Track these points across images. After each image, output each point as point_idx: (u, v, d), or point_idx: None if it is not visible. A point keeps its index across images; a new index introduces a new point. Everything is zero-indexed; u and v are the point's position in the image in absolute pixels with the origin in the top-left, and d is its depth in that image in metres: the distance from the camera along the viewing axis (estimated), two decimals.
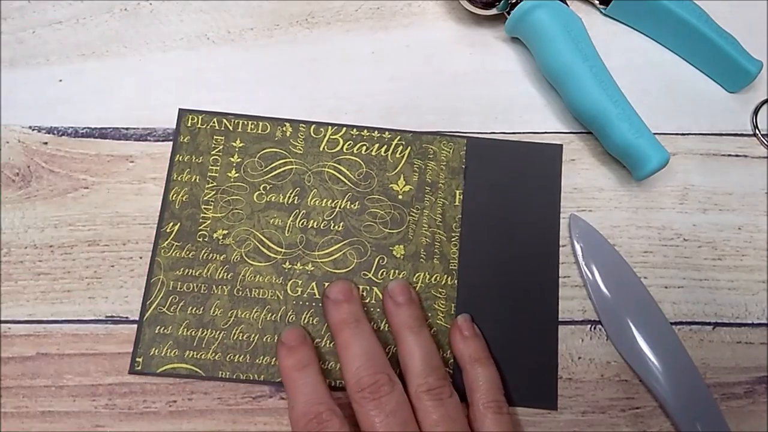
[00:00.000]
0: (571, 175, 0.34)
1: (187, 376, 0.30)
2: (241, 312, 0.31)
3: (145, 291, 0.31)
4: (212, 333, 0.30)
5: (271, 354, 0.30)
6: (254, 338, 0.30)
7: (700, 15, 0.34)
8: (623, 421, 0.30)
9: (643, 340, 0.31)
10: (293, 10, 0.37)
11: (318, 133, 0.34)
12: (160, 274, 0.31)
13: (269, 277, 0.31)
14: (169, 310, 0.30)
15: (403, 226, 0.32)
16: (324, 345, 0.30)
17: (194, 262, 0.31)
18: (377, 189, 0.33)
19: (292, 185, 0.33)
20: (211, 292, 0.31)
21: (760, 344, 0.32)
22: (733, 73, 0.35)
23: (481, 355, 0.29)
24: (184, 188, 0.32)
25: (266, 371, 0.30)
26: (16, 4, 0.36)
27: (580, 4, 0.37)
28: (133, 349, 0.30)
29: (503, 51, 0.37)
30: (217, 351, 0.30)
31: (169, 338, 0.30)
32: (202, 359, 0.30)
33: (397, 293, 0.30)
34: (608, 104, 0.32)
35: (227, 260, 0.31)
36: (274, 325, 0.31)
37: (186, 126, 0.33)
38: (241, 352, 0.30)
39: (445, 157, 0.33)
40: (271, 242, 0.32)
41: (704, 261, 0.33)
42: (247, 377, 0.30)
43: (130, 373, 0.30)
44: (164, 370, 0.30)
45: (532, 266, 0.32)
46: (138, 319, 0.31)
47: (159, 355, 0.30)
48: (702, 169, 0.34)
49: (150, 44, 0.36)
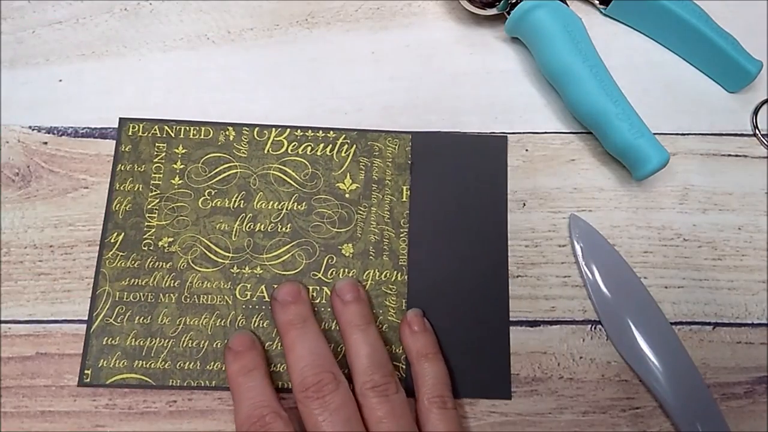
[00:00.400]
0: (571, 175, 0.34)
1: (136, 386, 0.30)
2: (190, 319, 0.31)
3: (90, 303, 0.31)
4: (161, 342, 0.30)
5: (221, 360, 0.30)
6: (204, 345, 0.30)
7: (700, 15, 0.34)
8: (623, 421, 0.30)
9: (643, 340, 0.31)
10: (293, 10, 0.37)
11: (262, 135, 0.33)
12: (105, 285, 0.31)
13: (217, 282, 0.31)
14: (116, 320, 0.30)
15: (351, 224, 0.32)
16: (275, 348, 0.30)
17: (140, 271, 0.31)
18: (324, 189, 0.33)
19: (237, 189, 0.32)
20: (159, 301, 0.31)
21: (760, 344, 0.32)
22: (733, 73, 0.35)
23: (429, 350, 0.30)
24: (127, 197, 0.32)
25: (217, 377, 0.30)
26: (16, 4, 0.36)
27: (580, 4, 0.37)
28: (81, 362, 0.30)
29: (503, 51, 0.37)
30: (167, 359, 0.30)
31: (117, 349, 0.30)
32: (151, 368, 0.30)
33: (345, 292, 0.30)
34: (608, 104, 0.32)
35: (174, 268, 0.31)
36: (223, 330, 0.30)
37: (127, 135, 0.33)
38: (191, 359, 0.30)
39: (391, 154, 0.33)
40: (218, 247, 0.32)
41: (704, 261, 0.33)
42: (198, 384, 0.30)
43: (78, 386, 0.30)
44: (114, 381, 0.29)
45: (482, 258, 0.32)
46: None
47: (108, 366, 0.30)
48: (702, 169, 0.34)
49: (150, 44, 0.36)
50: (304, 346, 0.28)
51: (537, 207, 0.33)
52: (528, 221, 0.33)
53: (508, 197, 0.33)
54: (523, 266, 0.32)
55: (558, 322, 0.32)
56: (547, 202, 0.34)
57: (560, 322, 0.32)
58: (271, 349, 0.30)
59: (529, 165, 0.34)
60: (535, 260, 0.33)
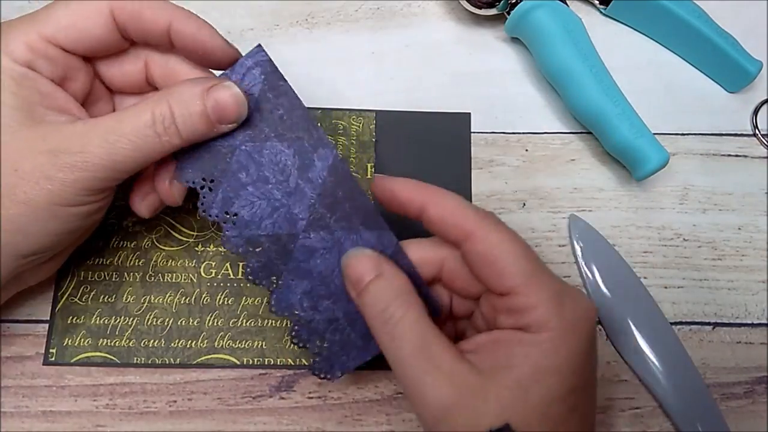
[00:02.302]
0: (571, 175, 0.34)
1: (101, 364, 0.30)
2: (155, 297, 0.31)
3: (55, 282, 0.31)
4: (125, 320, 0.30)
5: (186, 337, 0.30)
6: (168, 322, 0.30)
7: (700, 15, 0.34)
8: (623, 421, 0.30)
9: (643, 340, 0.31)
10: (293, 10, 0.37)
11: None
12: (69, 265, 0.31)
13: (182, 260, 0.31)
14: (81, 300, 0.30)
15: None
16: (240, 325, 0.31)
17: (104, 250, 0.31)
18: None
19: None
20: (123, 280, 0.31)
21: (760, 344, 0.32)
22: (733, 73, 0.35)
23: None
24: None
25: (182, 354, 0.30)
26: (16, 4, 0.36)
27: (580, 4, 0.37)
28: (46, 341, 0.30)
29: (503, 51, 0.37)
30: (131, 338, 0.30)
31: (81, 328, 0.30)
32: (116, 347, 0.30)
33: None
34: (608, 104, 0.32)
35: (138, 247, 0.31)
36: (188, 308, 0.31)
37: None
38: (155, 337, 0.30)
39: (355, 132, 0.34)
40: (182, 226, 0.32)
41: (704, 261, 0.33)
42: (163, 362, 0.30)
43: (44, 365, 0.30)
44: (78, 359, 0.30)
45: None
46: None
47: (72, 345, 0.30)
48: (702, 169, 0.34)
49: None
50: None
51: (537, 207, 0.33)
52: (528, 221, 0.33)
53: (508, 196, 0.34)
54: None
55: None
56: (547, 202, 0.34)
57: None
58: (236, 325, 0.31)
59: (529, 165, 0.34)
60: None
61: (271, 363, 0.30)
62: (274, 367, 0.30)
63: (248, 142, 0.26)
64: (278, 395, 0.30)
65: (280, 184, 0.26)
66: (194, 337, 0.30)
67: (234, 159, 0.26)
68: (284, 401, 0.30)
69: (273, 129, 0.26)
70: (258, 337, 0.31)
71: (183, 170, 0.26)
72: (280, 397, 0.30)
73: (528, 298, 0.23)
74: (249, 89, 0.25)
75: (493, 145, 0.35)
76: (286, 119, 0.26)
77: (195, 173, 0.26)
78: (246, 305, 0.31)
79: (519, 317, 0.23)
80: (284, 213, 0.26)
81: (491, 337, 0.24)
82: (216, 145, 0.25)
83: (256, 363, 0.30)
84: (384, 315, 0.23)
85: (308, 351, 0.26)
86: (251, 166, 0.26)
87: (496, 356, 0.23)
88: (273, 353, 0.30)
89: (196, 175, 0.26)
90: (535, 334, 0.22)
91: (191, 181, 0.26)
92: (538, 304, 0.22)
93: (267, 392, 0.30)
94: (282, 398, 0.30)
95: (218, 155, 0.26)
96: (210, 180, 0.26)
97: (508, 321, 0.23)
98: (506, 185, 0.34)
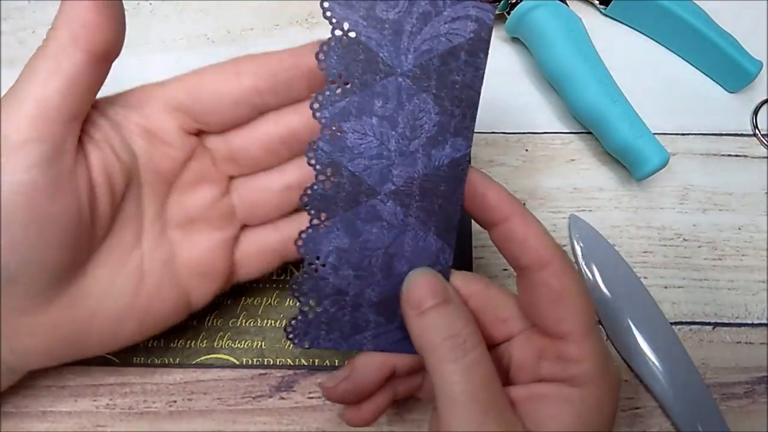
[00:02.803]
0: (571, 175, 0.34)
1: (101, 364, 0.30)
2: None
3: None
4: None
5: (185, 337, 0.30)
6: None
7: (700, 15, 0.34)
8: (623, 421, 0.30)
9: (643, 340, 0.31)
10: (293, 10, 0.37)
11: None
12: None
13: None
14: None
15: None
16: (239, 325, 0.31)
17: None
18: None
19: None
20: None
21: (760, 344, 0.32)
22: (733, 73, 0.35)
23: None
24: None
25: (181, 354, 0.30)
26: (16, 4, 0.36)
27: (580, 4, 0.37)
28: None
29: (503, 51, 0.37)
30: None
31: None
32: None
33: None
34: (608, 104, 0.32)
35: None
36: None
37: None
38: (155, 337, 0.30)
39: None
40: None
41: (704, 261, 0.33)
42: (162, 362, 0.30)
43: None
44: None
45: None
46: None
47: None
48: (702, 169, 0.34)
49: (150, 44, 0.36)
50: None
51: (537, 207, 0.33)
52: None
53: None
54: None
55: None
56: (547, 202, 0.34)
57: None
58: (235, 325, 0.31)
59: (529, 165, 0.34)
60: None
61: (270, 363, 0.30)
62: (274, 367, 0.30)
63: (408, 78, 0.23)
64: (278, 395, 0.30)
65: (402, 138, 0.23)
66: (194, 336, 0.30)
67: (384, 81, 0.23)
68: (284, 401, 0.30)
69: (438, 87, 0.23)
70: (258, 337, 0.31)
71: (329, 53, 0.22)
72: (280, 397, 0.30)
73: (583, 347, 0.22)
74: (450, 33, 0.22)
75: (493, 145, 0.35)
76: (457, 89, 0.23)
77: (339, 63, 0.22)
78: (246, 305, 0.31)
79: (567, 367, 0.22)
80: (384, 165, 0.23)
81: (531, 391, 0.22)
82: (379, 55, 0.22)
83: (256, 363, 0.30)
84: (456, 340, 0.21)
85: (298, 303, 0.24)
86: (392, 102, 0.23)
87: (541, 415, 0.21)
88: (273, 353, 0.30)
89: (339, 65, 0.22)
90: (581, 389, 0.21)
91: (332, 69, 0.22)
92: (591, 357, 0.21)
93: (267, 392, 0.30)
94: (282, 398, 0.30)
95: (373, 66, 0.22)
96: (345, 82, 0.22)
97: (553, 369, 0.22)
98: (506, 185, 0.33)
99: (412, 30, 0.22)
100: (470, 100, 0.23)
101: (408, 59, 0.23)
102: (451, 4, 0.22)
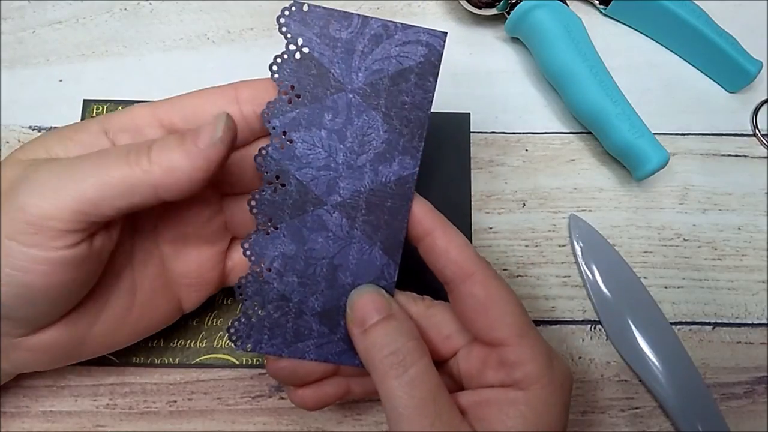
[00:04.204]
0: (571, 175, 0.34)
1: (101, 363, 0.30)
2: None
3: None
4: None
5: (185, 337, 0.30)
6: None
7: (700, 15, 0.34)
8: (623, 421, 0.30)
9: (643, 340, 0.31)
10: None
11: None
12: None
13: None
14: None
15: None
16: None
17: None
18: None
19: None
20: None
21: (760, 344, 0.32)
22: (733, 73, 0.35)
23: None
24: None
25: (181, 354, 0.30)
26: (16, 4, 0.36)
27: (580, 4, 0.37)
28: None
29: (503, 51, 0.37)
30: None
31: None
32: None
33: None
34: (608, 104, 0.32)
35: None
36: None
37: (91, 116, 0.33)
38: (154, 337, 0.30)
39: None
40: None
41: (704, 261, 0.33)
42: (162, 361, 0.30)
43: None
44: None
45: None
46: None
47: None
48: (702, 169, 0.34)
49: (150, 44, 0.36)
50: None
51: (537, 207, 0.33)
52: (528, 221, 0.33)
53: (508, 196, 0.34)
54: (523, 266, 0.32)
55: (558, 322, 0.32)
56: (547, 202, 0.34)
57: (560, 322, 0.32)
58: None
59: (529, 165, 0.34)
60: (535, 260, 0.33)
61: None
62: None
63: (359, 95, 0.24)
64: (278, 395, 0.30)
65: (350, 152, 0.24)
66: (193, 336, 0.30)
67: (334, 96, 0.24)
68: (284, 401, 0.30)
69: (387, 105, 0.24)
70: None
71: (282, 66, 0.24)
72: (280, 397, 0.30)
73: (522, 351, 0.22)
74: (400, 56, 0.24)
75: (493, 145, 0.35)
76: (406, 109, 0.24)
77: (291, 76, 0.24)
78: None
79: (510, 371, 0.22)
80: (331, 177, 0.24)
81: (479, 397, 0.23)
82: (330, 71, 0.23)
83: (256, 363, 0.30)
84: (396, 357, 0.21)
85: (242, 306, 0.24)
86: (341, 116, 0.24)
87: (489, 419, 0.22)
88: None
89: (291, 77, 0.24)
90: (526, 391, 0.22)
91: (283, 81, 0.24)
92: (532, 359, 0.22)
93: (266, 392, 0.30)
94: (282, 398, 0.30)
95: (324, 81, 0.24)
96: (297, 94, 0.24)
97: (497, 376, 0.23)
98: (506, 185, 0.34)
99: (364, 50, 0.24)
100: (419, 121, 0.24)
101: (359, 77, 0.24)
102: (402, 28, 0.24)
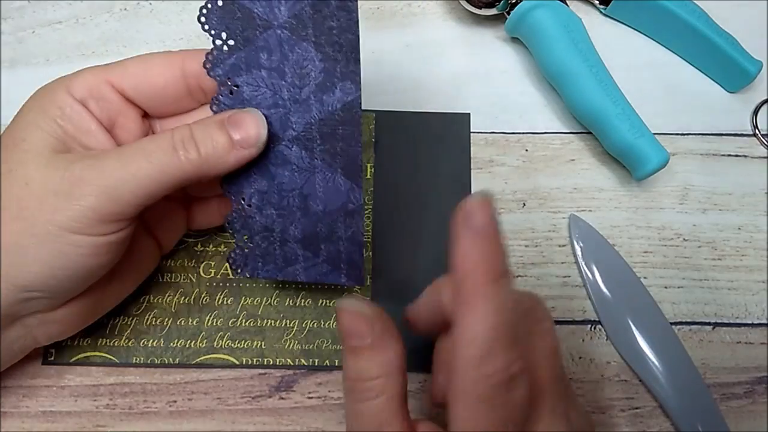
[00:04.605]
0: (571, 175, 0.34)
1: (100, 364, 0.30)
2: (153, 297, 0.31)
3: None
4: (124, 320, 0.30)
5: (185, 337, 0.30)
6: (167, 322, 0.30)
7: (700, 15, 0.34)
8: (623, 421, 0.30)
9: (643, 340, 0.31)
10: None
11: None
12: None
13: (181, 260, 0.31)
14: None
15: None
16: (240, 324, 0.31)
17: None
18: None
19: None
20: None
21: (760, 344, 0.32)
22: (733, 73, 0.35)
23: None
24: None
25: (181, 354, 0.30)
26: (16, 4, 0.36)
27: (580, 4, 0.37)
28: None
29: (503, 51, 0.37)
30: (130, 337, 0.30)
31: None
32: (115, 346, 0.30)
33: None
34: (608, 104, 0.32)
35: None
36: (187, 308, 0.31)
37: None
38: (154, 337, 0.30)
39: None
40: None
41: (704, 261, 0.33)
42: (162, 362, 0.30)
43: (43, 364, 0.30)
44: (77, 359, 0.30)
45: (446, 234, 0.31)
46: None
47: (71, 344, 0.30)
48: (702, 169, 0.34)
49: (150, 44, 0.36)
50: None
51: (537, 207, 0.33)
52: (528, 221, 0.33)
53: (508, 196, 0.34)
54: (523, 266, 0.32)
55: (557, 322, 0.32)
56: (547, 202, 0.34)
57: (560, 322, 0.32)
58: (234, 326, 0.31)
59: (529, 165, 0.34)
60: (535, 260, 0.33)
61: (270, 363, 0.30)
62: (274, 367, 0.30)
63: (286, 29, 0.24)
64: (278, 395, 0.30)
65: (292, 87, 0.25)
66: (193, 336, 0.30)
67: (264, 35, 0.24)
68: (284, 401, 0.30)
69: (316, 34, 0.24)
70: (257, 337, 0.31)
71: (209, 16, 0.24)
72: (280, 397, 0.30)
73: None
74: None
75: (493, 145, 0.35)
76: (335, 34, 0.24)
77: (219, 24, 0.24)
78: (245, 305, 0.31)
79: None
80: (282, 114, 0.25)
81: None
82: (253, 11, 0.24)
83: (255, 363, 0.30)
84: (361, 386, 0.22)
85: (234, 239, 0.26)
86: (276, 53, 0.24)
87: None
88: (272, 353, 0.30)
89: (220, 25, 0.24)
90: None
91: (213, 30, 0.24)
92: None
93: (266, 392, 0.30)
94: (282, 398, 0.30)
95: (251, 22, 0.24)
96: (229, 39, 0.24)
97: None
98: (506, 185, 0.34)
99: None
100: (350, 44, 0.25)
101: (282, 11, 0.24)
102: None
